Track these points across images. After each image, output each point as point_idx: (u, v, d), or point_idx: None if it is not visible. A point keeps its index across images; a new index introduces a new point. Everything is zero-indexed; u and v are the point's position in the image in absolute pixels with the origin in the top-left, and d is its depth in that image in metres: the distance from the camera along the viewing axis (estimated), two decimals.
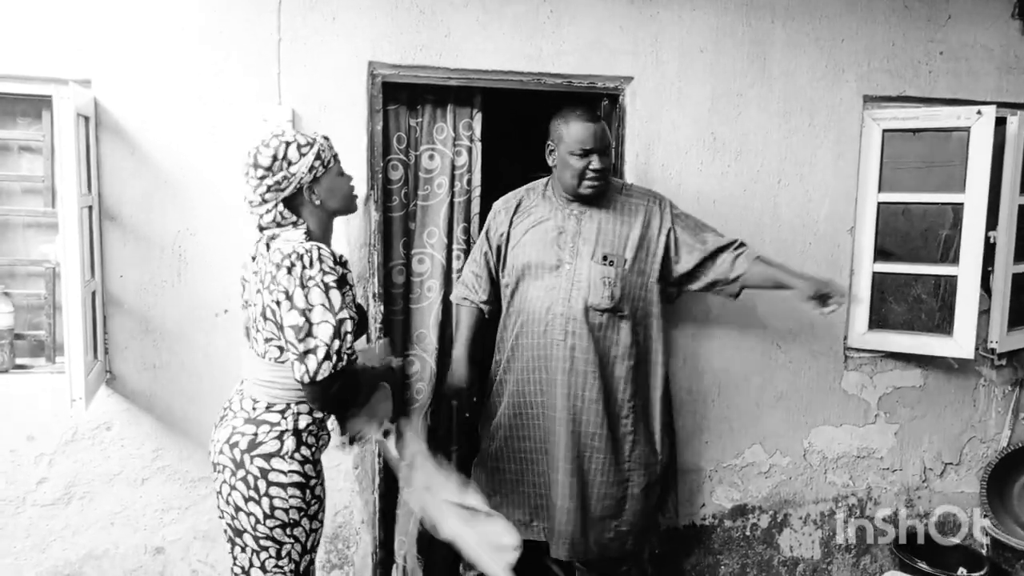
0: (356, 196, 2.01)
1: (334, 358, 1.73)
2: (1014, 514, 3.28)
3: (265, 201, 1.83)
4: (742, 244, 2.54)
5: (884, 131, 3.05)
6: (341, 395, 1.80)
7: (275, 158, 1.80)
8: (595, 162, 2.41)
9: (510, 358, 2.56)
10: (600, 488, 2.49)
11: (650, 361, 2.59)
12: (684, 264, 2.52)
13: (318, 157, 1.84)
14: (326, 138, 1.91)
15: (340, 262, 1.87)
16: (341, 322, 1.75)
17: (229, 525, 1.89)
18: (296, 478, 1.84)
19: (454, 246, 2.83)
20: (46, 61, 2.41)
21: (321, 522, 1.96)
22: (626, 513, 2.53)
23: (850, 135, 3.02)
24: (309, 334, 1.73)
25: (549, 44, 2.71)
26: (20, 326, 2.61)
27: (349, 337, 1.77)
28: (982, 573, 2.98)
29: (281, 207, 1.84)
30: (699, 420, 3.03)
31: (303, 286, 1.74)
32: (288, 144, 1.82)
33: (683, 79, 2.85)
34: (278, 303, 1.76)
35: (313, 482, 1.89)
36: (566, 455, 2.46)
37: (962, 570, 3.01)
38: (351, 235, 2.62)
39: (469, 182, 2.82)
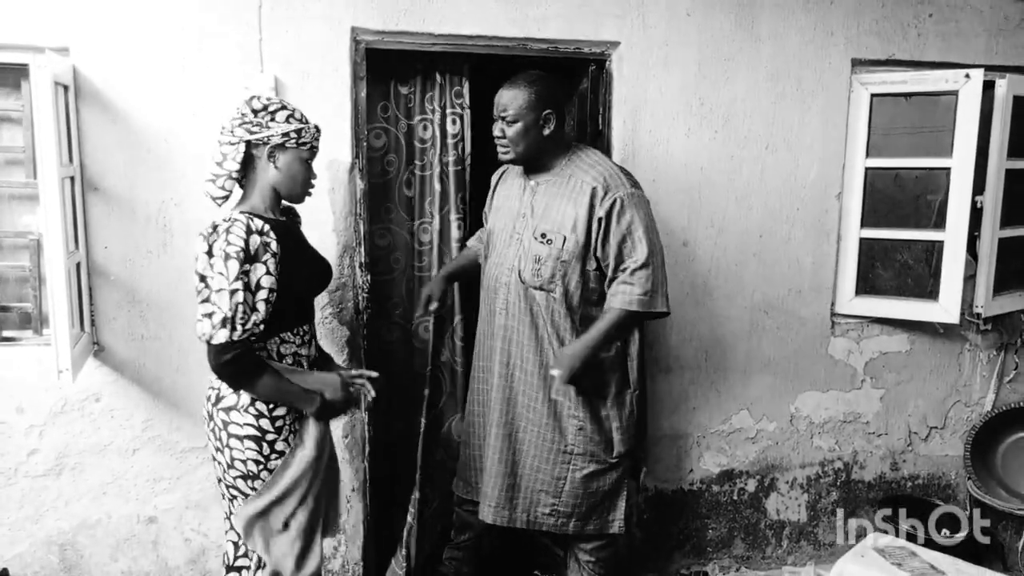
0: (307, 194, 2.09)
1: (228, 327, 1.82)
2: (997, 476, 3.33)
3: (233, 133, 1.94)
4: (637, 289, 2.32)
5: (872, 95, 3.03)
6: (235, 368, 1.86)
7: (266, 108, 1.96)
8: (496, 129, 2.37)
9: (477, 323, 2.58)
10: (533, 460, 2.45)
11: (613, 348, 2.43)
12: (601, 264, 2.37)
13: (298, 132, 1.97)
14: (318, 129, 2.05)
15: (259, 230, 1.88)
16: (234, 292, 1.82)
17: (214, 472, 2.04)
18: (251, 431, 1.93)
19: (453, 216, 2.83)
20: (22, 29, 2.37)
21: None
22: (564, 494, 2.45)
23: (838, 100, 3.01)
24: (207, 299, 1.85)
25: (534, 9, 2.68)
26: (6, 298, 2.61)
27: (240, 308, 1.82)
28: (963, 535, 3.04)
29: (241, 148, 1.93)
30: (686, 387, 3.05)
31: (209, 254, 1.86)
32: (284, 108, 1.98)
33: (670, 43, 2.82)
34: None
35: (271, 436, 1.94)
36: (498, 420, 2.47)
37: (945, 531, 3.06)
38: (336, 204, 2.61)
39: (462, 150, 2.81)
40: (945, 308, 3.05)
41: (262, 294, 1.86)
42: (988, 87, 2.95)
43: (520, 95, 2.32)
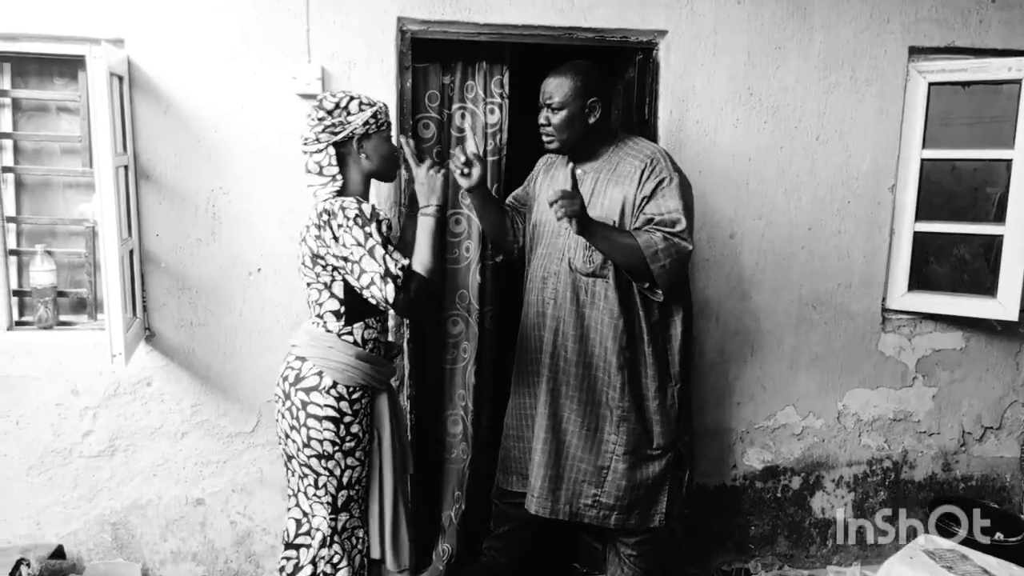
0: (399, 167, 2.15)
1: (391, 280, 1.92)
2: None
3: (319, 141, 2.01)
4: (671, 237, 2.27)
5: (930, 84, 2.93)
6: (420, 300, 1.97)
7: (338, 106, 2.01)
8: (541, 116, 2.37)
9: (523, 314, 2.57)
10: (576, 451, 2.45)
11: (655, 335, 2.41)
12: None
13: (374, 116, 2.04)
14: (386, 105, 2.09)
15: (364, 211, 1.99)
16: (372, 249, 1.93)
17: (284, 450, 2.11)
18: (330, 412, 2.01)
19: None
20: (79, 21, 2.43)
21: (360, 462, 2.08)
22: (607, 484, 2.44)
23: (894, 89, 2.92)
24: (363, 272, 1.93)
25: None
26: (63, 284, 2.68)
27: (387, 258, 1.93)
28: (1019, 538, 2.94)
29: (331, 151, 2.01)
30: (731, 381, 3.00)
31: (335, 238, 1.95)
32: (352, 99, 2.03)
33: (719, 32, 2.77)
34: (323, 255, 1.98)
35: (348, 419, 2.03)
36: (543, 411, 2.46)
37: (999, 534, 2.97)
38: (380, 195, 2.63)
39: (501, 140, 2.80)
40: (1004, 305, 2.94)
41: (394, 242, 1.99)
42: None
43: (566, 83, 2.32)
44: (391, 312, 2.06)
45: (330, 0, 2.52)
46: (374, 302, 1.95)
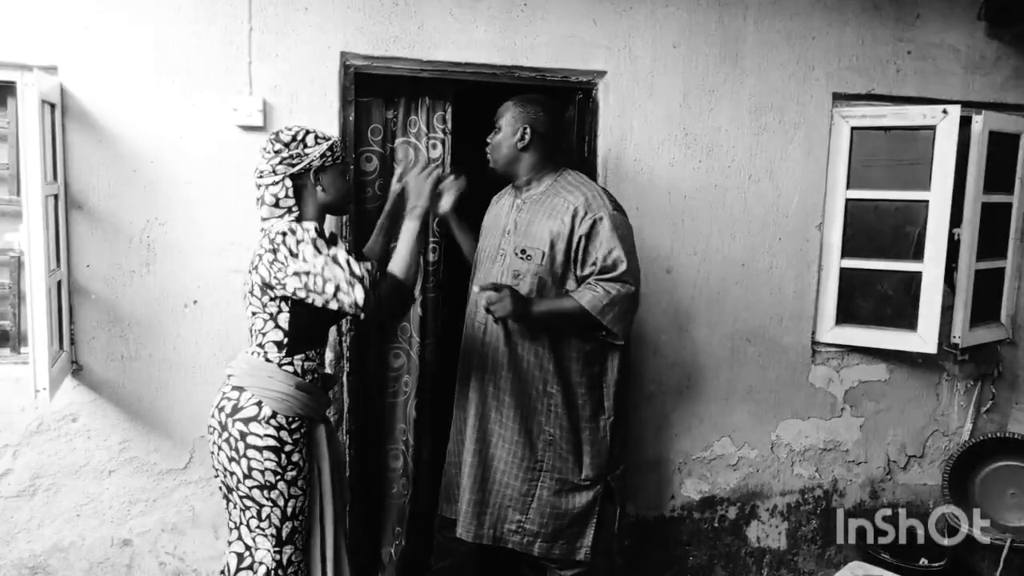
0: (351, 201, 2.21)
1: (358, 283, 1.93)
2: (974, 506, 3.35)
3: (275, 172, 2.02)
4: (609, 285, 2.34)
5: (853, 128, 3.09)
6: (392, 298, 1.99)
7: (295, 138, 2.03)
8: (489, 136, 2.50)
9: (462, 338, 2.58)
10: (503, 476, 2.47)
11: (589, 365, 2.45)
12: (578, 278, 2.40)
13: (331, 149, 2.08)
14: (341, 140, 2.13)
15: (323, 231, 2.06)
16: (334, 258, 1.95)
17: (223, 483, 2.08)
18: (271, 441, 1.98)
19: (429, 239, 2.83)
20: (10, 46, 2.37)
21: (303, 491, 2.05)
22: (531, 511, 2.45)
23: (820, 132, 3.06)
24: (327, 280, 1.93)
25: (523, 37, 2.72)
26: None
27: (350, 261, 1.96)
28: (943, 563, 3.05)
29: (288, 183, 2.02)
30: (668, 413, 3.06)
31: (293, 254, 1.95)
32: (309, 132, 2.06)
33: (656, 74, 2.87)
34: (279, 280, 1.96)
35: (288, 448, 2.01)
36: (471, 435, 2.48)
37: (924, 560, 3.08)
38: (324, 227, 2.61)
39: (443, 174, 2.82)
40: (923, 338, 3.09)
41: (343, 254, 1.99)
42: (965, 123, 3.02)
43: (509, 109, 2.46)
44: (341, 333, 2.08)
45: (273, 33, 2.52)
46: (342, 308, 1.95)
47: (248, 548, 2.07)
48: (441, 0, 2.63)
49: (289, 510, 2.03)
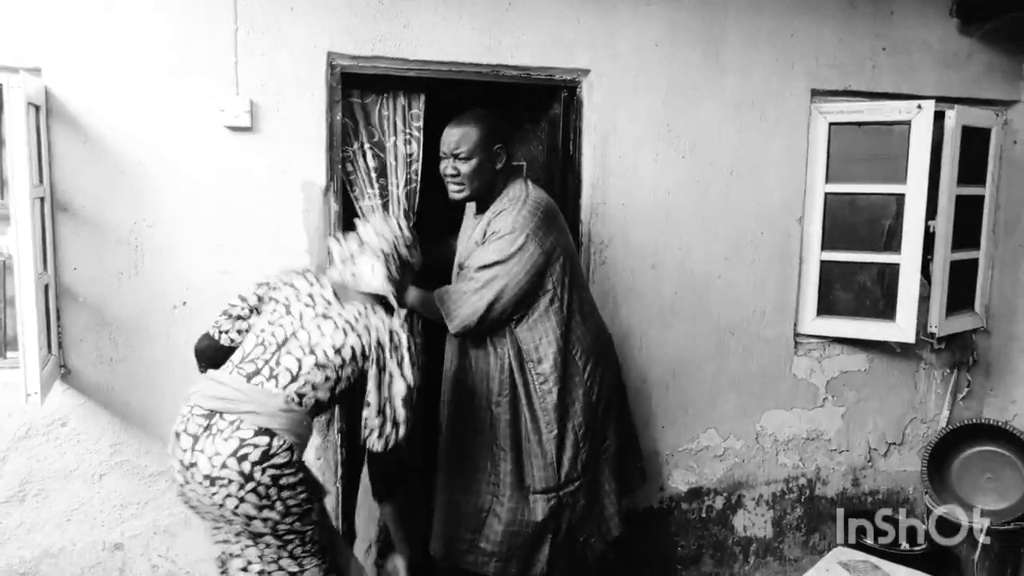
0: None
1: (401, 424, 2.04)
2: (952, 491, 3.44)
3: (398, 259, 2.16)
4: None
5: (831, 124, 3.16)
6: (393, 463, 2.09)
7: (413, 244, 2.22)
8: (449, 166, 2.43)
9: None
10: (456, 494, 2.50)
11: (530, 374, 2.45)
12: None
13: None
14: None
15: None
16: (406, 398, 2.05)
17: (246, 530, 1.92)
18: (300, 475, 1.94)
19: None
20: None
21: (318, 498, 2.09)
22: (487, 529, 2.45)
23: (799, 128, 3.13)
24: (397, 408, 2.02)
25: (508, 36, 2.74)
26: None
27: (407, 410, 2.06)
28: (922, 547, 3.13)
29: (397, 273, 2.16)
30: (655, 406, 3.10)
31: (400, 359, 2.03)
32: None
33: (639, 72, 2.91)
34: (386, 367, 2.02)
35: (303, 474, 1.97)
36: (441, 448, 2.56)
37: (904, 544, 3.16)
38: (310, 225, 2.62)
39: (417, 172, 2.82)
40: (901, 328, 3.17)
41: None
42: (939, 117, 3.10)
43: (472, 132, 2.38)
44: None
45: (259, 32, 2.52)
46: (369, 425, 2.02)
47: (295, 574, 1.99)
48: (427, 0, 2.65)
49: (316, 515, 2.03)
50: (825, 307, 3.27)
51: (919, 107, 3.04)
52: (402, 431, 2.02)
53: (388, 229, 2.15)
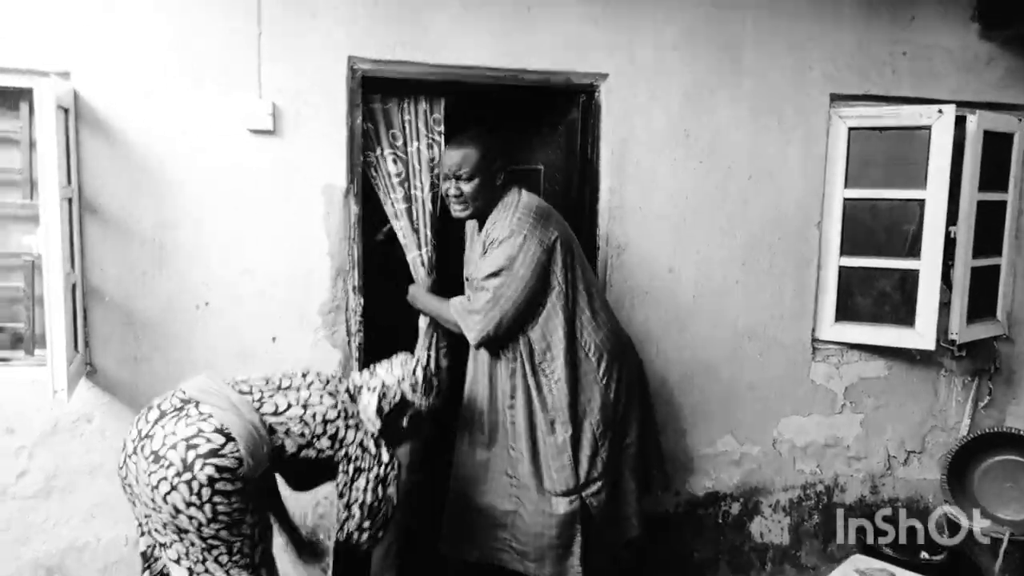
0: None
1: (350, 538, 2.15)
2: (973, 500, 3.40)
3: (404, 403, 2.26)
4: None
5: (850, 129, 3.15)
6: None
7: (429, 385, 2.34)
8: (452, 187, 2.48)
9: None
10: (487, 493, 2.53)
11: (543, 374, 2.47)
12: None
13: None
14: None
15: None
16: (367, 506, 2.14)
17: (169, 523, 1.88)
18: (240, 485, 1.89)
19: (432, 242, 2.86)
20: (25, 52, 2.41)
21: (261, 511, 2.05)
22: (514, 530, 2.48)
23: (818, 132, 3.12)
24: (352, 503, 2.12)
25: (526, 41, 2.77)
26: None
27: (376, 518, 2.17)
28: (941, 556, 3.10)
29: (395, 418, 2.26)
30: (674, 410, 3.10)
31: (358, 470, 2.13)
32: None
33: (657, 77, 2.92)
34: (349, 457, 2.11)
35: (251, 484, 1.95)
36: (459, 449, 2.60)
37: (923, 554, 3.12)
38: (331, 228, 2.66)
39: (439, 176, 2.83)
40: (921, 335, 3.14)
41: None
42: (959, 122, 3.08)
43: (472, 153, 2.44)
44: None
45: (281, 37, 2.56)
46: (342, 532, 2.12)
47: None
48: (446, 4, 2.68)
49: (257, 535, 1.98)
50: (844, 313, 3.25)
51: (940, 112, 3.02)
52: (364, 536, 2.10)
53: (400, 370, 2.26)
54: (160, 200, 2.54)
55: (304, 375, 2.17)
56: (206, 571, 1.92)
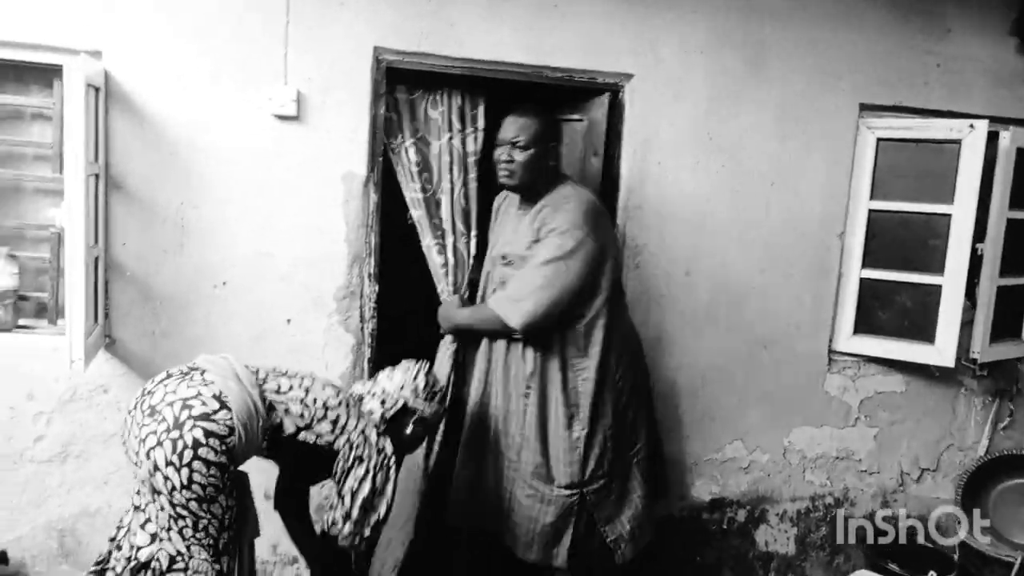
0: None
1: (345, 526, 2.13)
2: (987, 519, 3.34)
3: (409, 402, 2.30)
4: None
5: (878, 140, 3.10)
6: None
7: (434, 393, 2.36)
8: (504, 153, 2.49)
9: None
10: (491, 477, 2.57)
11: (568, 364, 2.48)
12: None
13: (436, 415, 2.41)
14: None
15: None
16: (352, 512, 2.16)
17: (147, 480, 1.93)
18: (224, 459, 1.91)
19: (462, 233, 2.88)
20: (58, 31, 2.47)
21: (236, 501, 2.05)
22: (509, 510, 2.53)
23: (844, 142, 3.08)
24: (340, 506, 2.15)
25: (551, 38, 2.77)
26: (25, 287, 2.68)
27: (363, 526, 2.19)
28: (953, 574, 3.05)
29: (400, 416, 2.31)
30: (682, 413, 3.09)
31: (362, 467, 2.17)
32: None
33: (682, 79, 2.90)
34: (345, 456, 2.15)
35: (234, 466, 1.99)
36: (468, 436, 2.62)
37: (932, 573, 3.07)
38: (349, 215, 2.69)
39: (476, 168, 2.86)
40: (941, 351, 3.09)
41: None
42: (991, 138, 3.01)
43: (532, 124, 2.46)
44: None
45: (308, 26, 2.60)
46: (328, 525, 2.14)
47: (181, 554, 1.95)
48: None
49: (227, 521, 1.99)
50: (862, 325, 3.21)
51: (971, 126, 2.96)
52: (348, 528, 2.10)
53: (401, 377, 2.30)
54: (184, 180, 2.60)
55: (313, 375, 2.23)
56: (168, 539, 1.95)
